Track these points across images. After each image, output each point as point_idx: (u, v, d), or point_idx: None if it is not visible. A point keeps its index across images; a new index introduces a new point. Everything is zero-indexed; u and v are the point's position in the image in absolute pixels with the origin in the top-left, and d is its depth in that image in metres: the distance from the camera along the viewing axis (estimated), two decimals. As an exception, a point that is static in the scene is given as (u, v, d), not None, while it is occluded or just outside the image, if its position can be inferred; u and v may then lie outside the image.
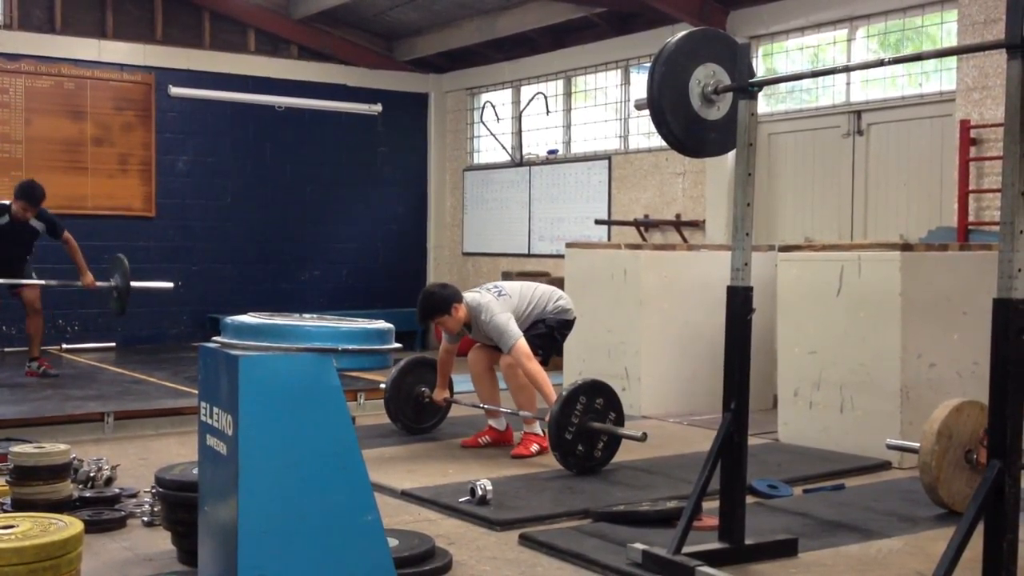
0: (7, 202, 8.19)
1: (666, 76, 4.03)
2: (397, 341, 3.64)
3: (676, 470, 5.68)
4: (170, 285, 8.24)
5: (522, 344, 5.97)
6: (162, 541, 4.31)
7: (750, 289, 4.05)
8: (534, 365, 5.95)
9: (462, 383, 7.05)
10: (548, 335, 6.28)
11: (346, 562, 3.23)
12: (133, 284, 7.33)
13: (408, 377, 6.72)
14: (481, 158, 12.72)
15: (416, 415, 6.76)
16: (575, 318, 6.46)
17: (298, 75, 12.10)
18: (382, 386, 6.86)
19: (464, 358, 6.59)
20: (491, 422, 6.44)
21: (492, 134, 12.11)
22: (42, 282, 8.41)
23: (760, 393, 7.23)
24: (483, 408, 6.46)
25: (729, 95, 4.10)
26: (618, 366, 7.72)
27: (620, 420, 5.77)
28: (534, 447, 6.08)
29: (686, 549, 3.90)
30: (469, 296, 6.19)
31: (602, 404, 5.71)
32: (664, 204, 10.16)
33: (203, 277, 11.65)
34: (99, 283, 8.30)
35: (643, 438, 5.56)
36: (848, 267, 6.25)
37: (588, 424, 5.61)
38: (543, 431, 6.11)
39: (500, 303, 6.13)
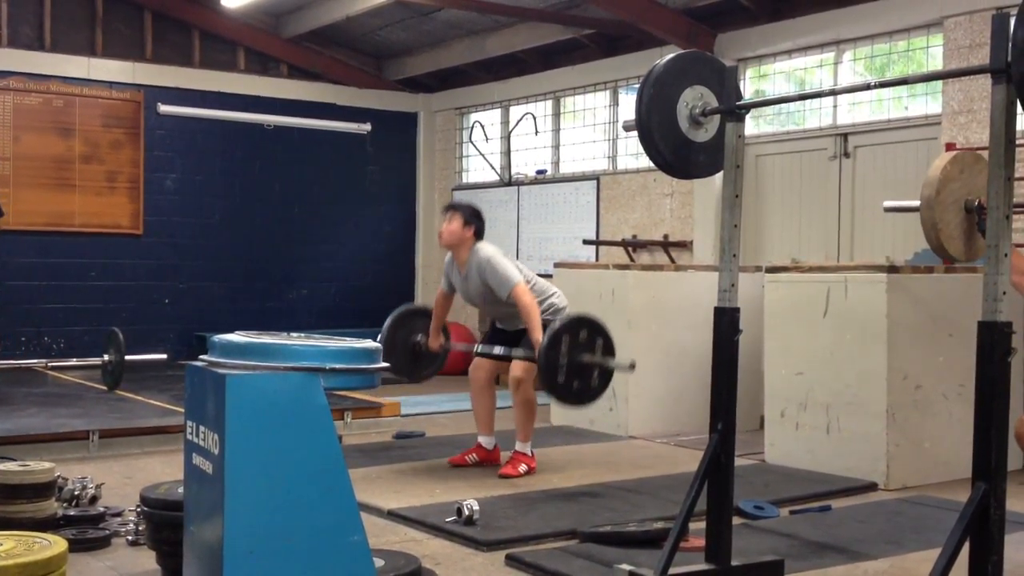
0: None
1: (654, 98, 4.05)
2: (384, 359, 3.65)
3: (663, 490, 5.68)
4: (164, 356, 8.20)
5: (521, 286, 5.90)
6: (147, 561, 4.28)
7: (737, 310, 4.06)
8: (530, 299, 5.88)
9: (453, 402, 7.00)
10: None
11: (332, 582, 3.22)
12: (128, 358, 7.24)
13: (399, 332, 6.57)
14: (470, 177, 12.74)
15: (413, 365, 6.60)
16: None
17: (287, 94, 12.11)
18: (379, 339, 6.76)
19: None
20: (481, 439, 6.44)
21: (481, 154, 12.14)
22: None
23: (747, 414, 7.24)
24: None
25: (716, 117, 4.12)
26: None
27: (609, 347, 5.69)
28: (522, 467, 6.08)
29: (672, 570, 3.89)
30: (481, 244, 6.15)
31: (586, 336, 5.61)
32: (652, 224, 10.19)
33: (191, 295, 11.62)
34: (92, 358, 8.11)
35: (632, 366, 5.59)
36: (835, 288, 6.28)
37: (578, 359, 5.56)
38: (532, 452, 6.14)
39: (507, 260, 6.10)
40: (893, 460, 6.02)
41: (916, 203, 4.27)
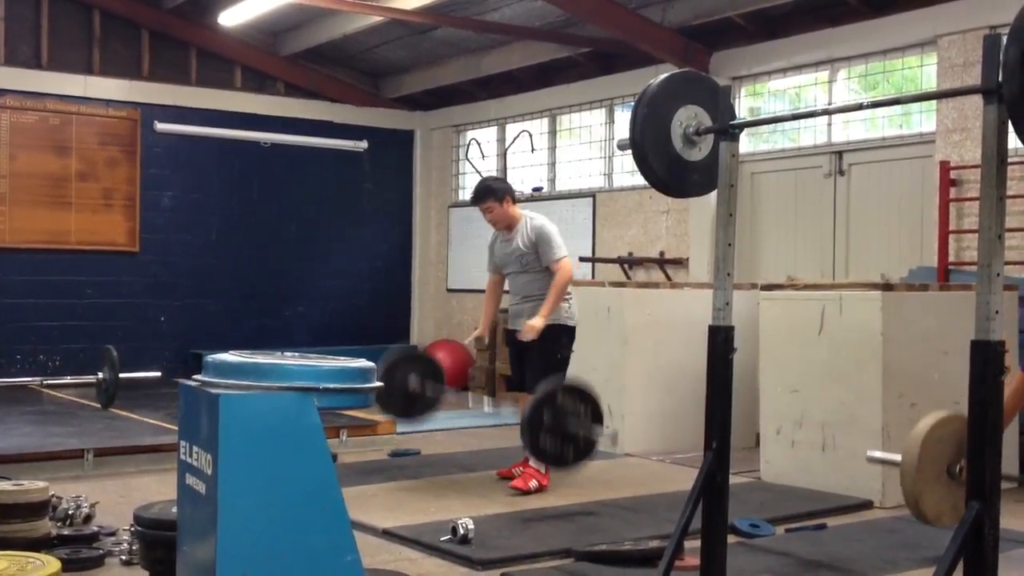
0: None
1: (648, 117, 4.06)
2: (380, 379, 3.64)
3: (658, 509, 5.67)
4: (159, 374, 8.20)
5: (567, 262, 6.19)
6: (140, 580, 4.27)
7: (732, 328, 4.06)
8: (566, 279, 6.18)
9: (448, 420, 6.90)
10: (564, 362, 6.28)
11: (325, 603, 3.21)
12: (122, 376, 7.19)
13: (396, 372, 6.71)
14: (466, 195, 12.73)
15: (406, 407, 6.64)
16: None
17: (284, 112, 12.14)
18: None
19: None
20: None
21: (477, 171, 12.16)
22: None
23: (742, 431, 7.22)
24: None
25: (711, 136, 4.13)
26: (601, 404, 7.70)
27: (595, 414, 5.74)
28: (532, 483, 6.08)
29: (668, 589, 3.89)
30: (531, 213, 6.43)
31: (566, 408, 5.70)
32: (648, 242, 10.21)
33: (186, 313, 11.61)
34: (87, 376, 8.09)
35: (615, 439, 5.99)
36: (830, 306, 6.28)
37: (563, 424, 5.65)
38: (544, 469, 6.13)
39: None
40: (888, 478, 6.00)
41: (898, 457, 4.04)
